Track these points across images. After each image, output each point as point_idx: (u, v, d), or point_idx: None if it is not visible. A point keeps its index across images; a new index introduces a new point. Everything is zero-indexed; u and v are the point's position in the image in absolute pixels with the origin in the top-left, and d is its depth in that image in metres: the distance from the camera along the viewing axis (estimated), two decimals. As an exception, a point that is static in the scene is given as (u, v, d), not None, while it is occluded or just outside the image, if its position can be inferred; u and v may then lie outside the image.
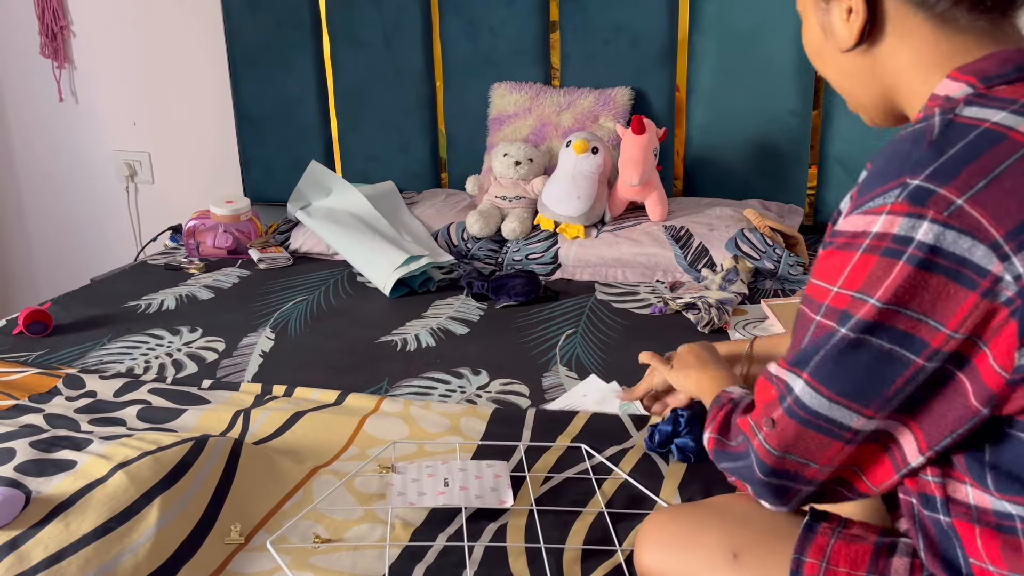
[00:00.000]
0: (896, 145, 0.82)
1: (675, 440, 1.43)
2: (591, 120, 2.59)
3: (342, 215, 2.55)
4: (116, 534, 1.18)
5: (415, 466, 1.40)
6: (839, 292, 0.82)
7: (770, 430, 0.88)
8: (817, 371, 0.84)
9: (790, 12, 2.47)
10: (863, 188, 0.82)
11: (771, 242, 2.25)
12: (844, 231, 0.82)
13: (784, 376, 0.87)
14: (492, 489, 1.33)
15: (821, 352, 0.83)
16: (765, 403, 0.90)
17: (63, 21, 3.15)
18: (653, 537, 1.03)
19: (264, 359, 1.90)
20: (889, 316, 0.79)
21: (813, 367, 0.84)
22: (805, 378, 0.85)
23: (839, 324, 0.82)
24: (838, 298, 0.82)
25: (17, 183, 3.44)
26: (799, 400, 0.85)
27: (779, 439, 0.87)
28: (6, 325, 2.11)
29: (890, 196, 0.78)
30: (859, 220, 0.81)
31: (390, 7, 2.75)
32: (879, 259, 0.79)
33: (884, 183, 0.80)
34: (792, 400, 0.86)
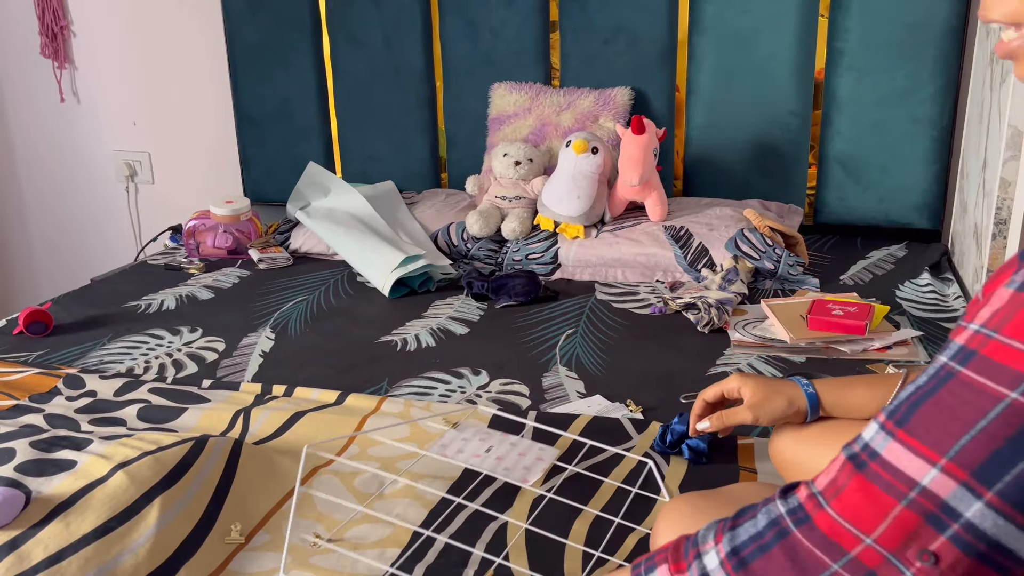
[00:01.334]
0: None
1: (687, 440, 1.44)
2: (591, 120, 2.59)
3: (341, 215, 2.55)
4: (116, 534, 1.18)
5: (474, 429, 1.44)
6: None
7: (929, 567, 0.62)
8: (1014, 487, 0.60)
9: (790, 12, 2.47)
10: None
11: (771, 242, 2.25)
12: None
13: (943, 491, 0.62)
14: (524, 467, 1.35)
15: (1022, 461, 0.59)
16: (905, 525, 0.63)
17: (63, 21, 3.15)
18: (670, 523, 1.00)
19: (264, 359, 1.90)
20: None
21: (1008, 483, 0.60)
22: (989, 498, 0.61)
23: None
24: None
25: (18, 183, 3.44)
26: (974, 526, 0.61)
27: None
28: (6, 325, 2.11)
29: None
30: None
31: (390, 7, 2.75)
32: None
33: None
34: (962, 527, 0.61)
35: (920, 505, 0.62)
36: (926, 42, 2.38)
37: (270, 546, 1.25)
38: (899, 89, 2.43)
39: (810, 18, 2.47)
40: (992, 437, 0.60)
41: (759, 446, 1.47)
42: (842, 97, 2.50)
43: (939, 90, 2.41)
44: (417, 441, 1.50)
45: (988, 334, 0.63)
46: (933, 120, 2.44)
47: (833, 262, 2.38)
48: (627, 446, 1.49)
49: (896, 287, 2.20)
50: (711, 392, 1.27)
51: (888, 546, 0.63)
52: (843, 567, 0.65)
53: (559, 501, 1.33)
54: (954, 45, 2.38)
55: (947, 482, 0.62)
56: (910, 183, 2.50)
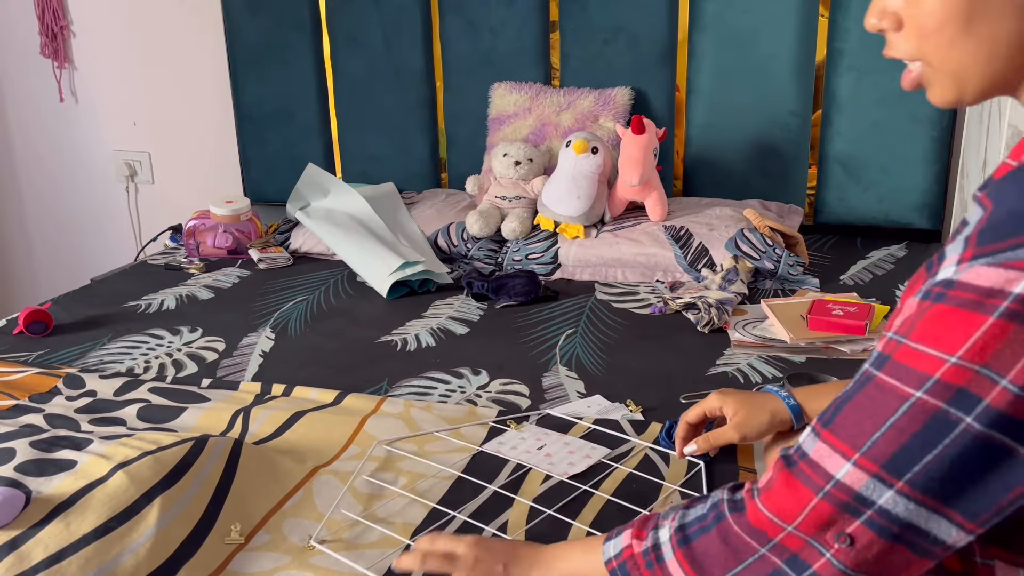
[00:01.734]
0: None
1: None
2: (591, 120, 2.59)
3: (341, 216, 2.55)
4: (116, 534, 1.18)
5: (535, 431, 1.54)
6: (958, 364, 0.65)
7: (845, 547, 0.70)
8: (922, 477, 0.66)
9: (790, 12, 2.47)
10: (992, 231, 0.66)
11: (771, 242, 2.25)
12: (970, 284, 0.65)
13: (856, 483, 0.69)
14: (570, 463, 1.42)
15: (932, 452, 0.66)
16: (822, 514, 0.70)
17: (63, 21, 3.15)
18: None
19: (264, 359, 1.90)
20: (1021, 406, 0.63)
21: (917, 473, 0.66)
22: (900, 487, 0.67)
23: (962, 411, 0.64)
24: (956, 372, 0.65)
25: (17, 183, 3.44)
26: (887, 512, 0.68)
27: (857, 559, 0.69)
28: (6, 325, 2.11)
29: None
30: (993, 274, 0.64)
31: (390, 7, 2.75)
32: (1018, 328, 0.63)
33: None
34: (876, 512, 0.68)
35: (835, 497, 0.70)
36: (926, 42, 2.38)
37: (270, 546, 1.25)
38: (899, 89, 2.41)
39: (810, 18, 2.47)
40: (900, 432, 0.67)
41: (759, 446, 1.47)
42: (842, 97, 2.50)
43: (939, 90, 2.41)
44: (473, 439, 1.53)
45: (899, 340, 0.69)
46: (933, 120, 2.44)
47: (833, 262, 2.38)
48: (626, 448, 1.49)
49: (896, 287, 2.20)
50: (693, 414, 1.30)
51: (807, 531, 0.71)
52: (769, 551, 0.73)
53: (558, 499, 1.33)
54: (954, 45, 2.37)
55: (859, 475, 0.69)
56: (910, 183, 2.50)
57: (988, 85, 0.75)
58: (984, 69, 0.74)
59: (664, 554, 0.79)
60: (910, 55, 0.77)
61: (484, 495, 1.36)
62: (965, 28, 0.72)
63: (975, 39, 0.72)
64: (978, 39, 0.72)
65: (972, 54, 0.73)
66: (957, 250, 0.68)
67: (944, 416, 0.65)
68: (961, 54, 0.73)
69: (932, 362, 0.66)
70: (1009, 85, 0.75)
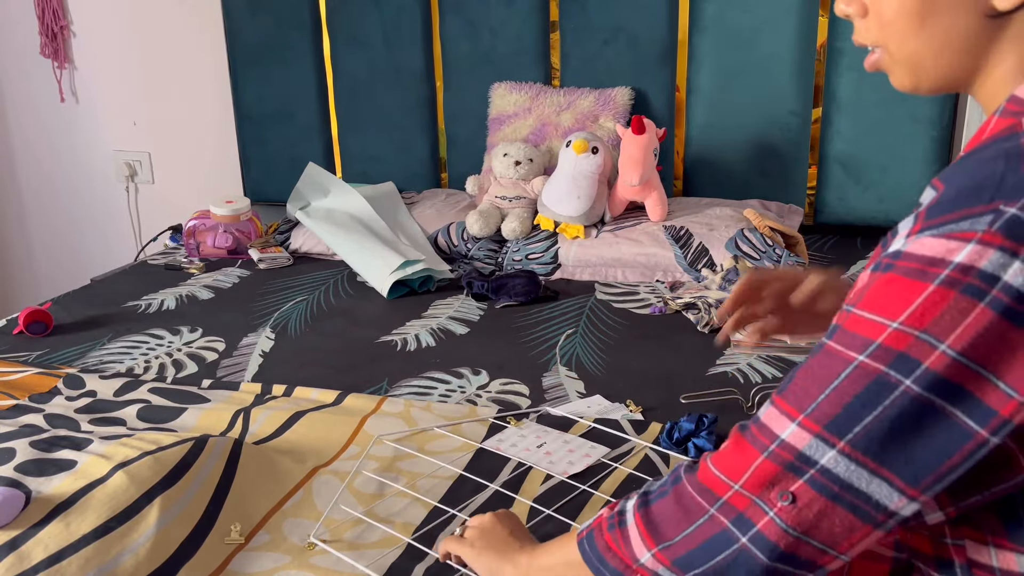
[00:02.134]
0: (983, 162, 0.69)
1: (693, 439, 1.44)
2: (591, 120, 2.59)
3: (341, 216, 2.55)
4: (116, 534, 1.18)
5: (535, 428, 1.54)
6: (899, 329, 0.67)
7: (787, 505, 0.71)
8: (863, 438, 0.68)
9: (790, 12, 2.47)
10: (939, 206, 0.68)
11: (771, 242, 2.25)
12: (914, 254, 0.68)
13: (799, 443, 0.70)
14: (569, 462, 1.42)
15: (872, 413, 0.67)
16: (766, 472, 0.72)
17: (63, 21, 3.15)
18: None
19: (264, 359, 1.90)
20: (959, 371, 0.65)
21: (858, 434, 0.68)
22: (841, 447, 0.69)
23: (901, 374, 0.66)
24: (897, 336, 0.67)
25: (17, 183, 3.44)
26: (828, 471, 0.69)
27: (799, 517, 0.70)
28: (6, 325, 2.11)
29: (980, 222, 0.65)
30: (937, 244, 0.67)
31: (390, 7, 2.75)
32: (958, 296, 0.65)
33: (971, 205, 0.66)
34: (818, 472, 0.70)
35: (778, 456, 0.71)
36: (926, 42, 2.38)
37: (270, 546, 1.25)
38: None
39: (810, 18, 2.47)
40: (843, 394, 0.69)
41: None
42: (842, 97, 2.50)
43: (939, 90, 2.41)
44: (473, 438, 1.53)
45: (848, 309, 0.72)
46: (933, 120, 2.44)
47: (833, 262, 2.38)
48: (626, 448, 1.49)
49: (896, 287, 2.20)
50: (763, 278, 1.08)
51: (752, 491, 0.72)
52: (717, 510, 0.74)
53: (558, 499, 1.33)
54: (954, 45, 2.37)
55: (803, 435, 0.70)
56: (910, 183, 2.50)
57: (942, 77, 0.79)
58: (937, 61, 0.77)
59: (627, 519, 0.81)
60: (872, 41, 0.81)
61: (485, 494, 1.36)
62: (919, 20, 0.76)
63: (928, 31, 0.76)
64: (931, 32, 0.76)
65: (926, 45, 0.77)
66: (908, 225, 0.71)
67: (884, 379, 0.67)
68: (916, 44, 0.77)
69: (875, 327, 0.68)
70: (963, 81, 0.78)
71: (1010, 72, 0.76)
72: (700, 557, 0.75)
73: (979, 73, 0.78)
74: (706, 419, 1.47)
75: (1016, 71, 0.75)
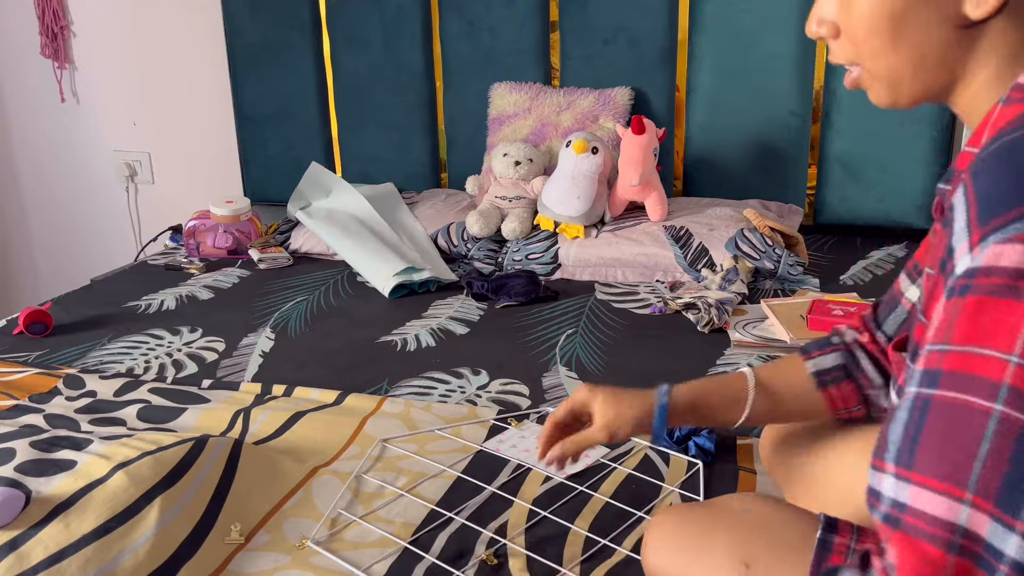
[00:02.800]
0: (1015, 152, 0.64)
1: (694, 437, 1.44)
2: (591, 120, 2.59)
3: (342, 216, 2.55)
4: (116, 534, 1.18)
5: (535, 429, 1.53)
6: (1020, 364, 0.59)
7: None
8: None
9: (790, 12, 2.47)
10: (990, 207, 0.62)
11: (771, 242, 2.25)
12: (994, 267, 0.60)
13: (981, 529, 0.60)
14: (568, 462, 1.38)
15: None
16: (962, 572, 0.61)
17: (63, 21, 3.15)
18: (660, 539, 0.95)
19: (264, 359, 1.90)
20: None
21: None
22: (1022, 529, 0.59)
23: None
24: (1021, 373, 0.58)
25: (18, 183, 3.44)
26: (1019, 565, 0.59)
27: None
28: (6, 325, 2.11)
29: None
30: (1012, 251, 0.60)
31: (390, 7, 2.75)
32: None
33: None
34: (1010, 567, 0.59)
35: (965, 549, 0.60)
36: (926, 42, 2.38)
37: (270, 546, 1.25)
38: (899, 89, 2.43)
39: (810, 18, 2.47)
40: (998, 459, 0.59)
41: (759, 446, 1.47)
42: (842, 97, 2.50)
43: (939, 90, 2.41)
44: (474, 439, 1.53)
45: (943, 348, 0.63)
46: (933, 120, 2.44)
47: (833, 262, 2.38)
48: (626, 448, 1.49)
49: (896, 287, 2.20)
50: (560, 412, 1.11)
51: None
52: None
53: (558, 499, 1.33)
54: (954, 45, 2.37)
55: (981, 518, 0.60)
56: (910, 183, 2.50)
57: (920, 91, 0.79)
58: (915, 76, 0.77)
59: None
60: (848, 60, 0.82)
61: (484, 496, 1.36)
62: (892, 38, 0.76)
63: (902, 49, 0.76)
64: (905, 49, 0.76)
65: (901, 62, 0.77)
66: (963, 239, 0.64)
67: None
68: (891, 61, 0.77)
69: (993, 364, 0.60)
70: (942, 92, 0.78)
71: (989, 81, 0.75)
72: None
73: (957, 84, 0.77)
74: None
75: (995, 80, 0.74)
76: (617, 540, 1.24)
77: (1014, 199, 0.61)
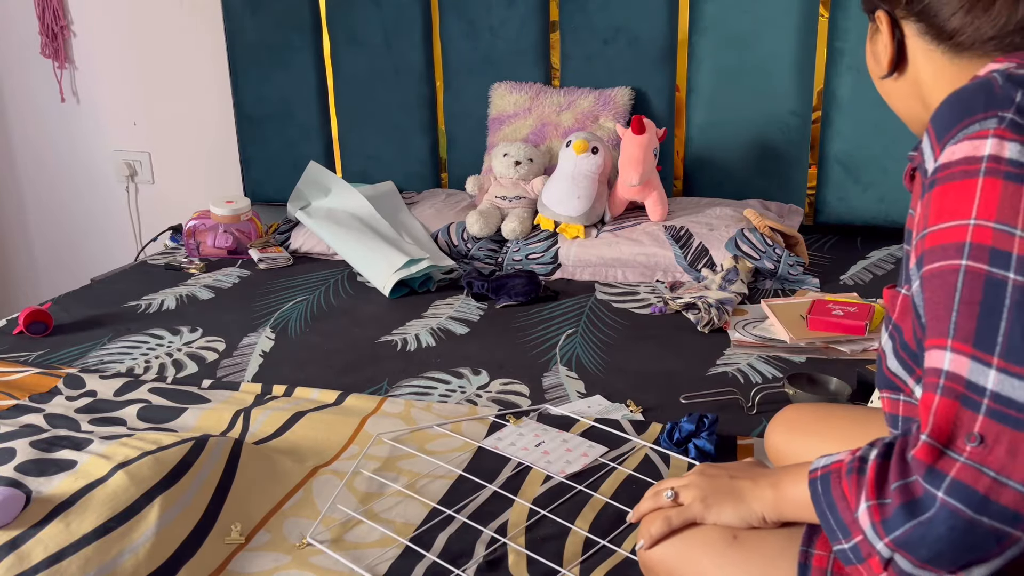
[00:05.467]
0: (965, 93, 0.77)
1: (694, 440, 1.44)
2: (591, 120, 2.59)
3: (342, 215, 2.55)
4: (116, 534, 1.18)
5: (533, 425, 1.54)
6: (977, 224, 0.70)
7: (978, 447, 0.67)
8: (1010, 348, 0.67)
9: (790, 12, 2.47)
10: (945, 126, 0.76)
11: (771, 242, 2.25)
12: (950, 162, 0.73)
13: (962, 369, 0.69)
14: (567, 462, 1.42)
15: (1002, 318, 0.68)
16: (945, 419, 0.69)
17: (63, 21, 3.15)
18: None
19: (264, 359, 1.90)
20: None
21: (1004, 345, 0.68)
22: (997, 363, 0.68)
23: (1002, 268, 0.69)
24: (979, 232, 0.70)
25: (18, 183, 3.44)
26: (1002, 396, 0.67)
27: (995, 457, 0.66)
28: (6, 325, 2.11)
29: (988, 123, 0.73)
30: (962, 147, 0.73)
31: (390, 7, 2.75)
32: (1004, 183, 0.70)
33: (972, 115, 0.74)
34: (990, 399, 0.67)
35: (950, 389, 0.69)
36: (926, 42, 2.38)
37: (270, 546, 1.25)
38: (899, 89, 2.43)
39: (810, 18, 2.47)
40: (970, 305, 0.70)
41: (759, 446, 1.47)
42: (842, 97, 2.50)
43: (939, 90, 2.41)
44: (473, 436, 1.53)
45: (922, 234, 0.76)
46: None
47: (833, 262, 2.38)
48: (626, 448, 1.49)
49: (896, 287, 2.20)
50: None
51: (938, 438, 0.69)
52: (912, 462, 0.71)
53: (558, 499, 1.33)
54: (954, 45, 2.37)
55: (960, 359, 0.69)
56: (910, 183, 2.50)
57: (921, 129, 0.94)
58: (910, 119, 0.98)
59: (867, 468, 0.75)
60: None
61: (484, 494, 1.36)
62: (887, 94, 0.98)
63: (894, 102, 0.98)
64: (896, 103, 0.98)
65: (898, 110, 0.99)
66: (929, 152, 0.77)
67: (992, 278, 0.69)
68: (895, 105, 0.98)
69: (957, 231, 0.71)
70: None
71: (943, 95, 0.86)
72: (899, 518, 0.70)
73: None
74: (707, 419, 1.47)
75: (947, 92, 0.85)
76: (617, 540, 1.24)
77: (962, 117, 0.74)
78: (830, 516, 0.77)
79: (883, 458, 0.74)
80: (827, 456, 0.82)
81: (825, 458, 0.82)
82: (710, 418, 1.47)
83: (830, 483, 0.78)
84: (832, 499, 0.77)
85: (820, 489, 0.79)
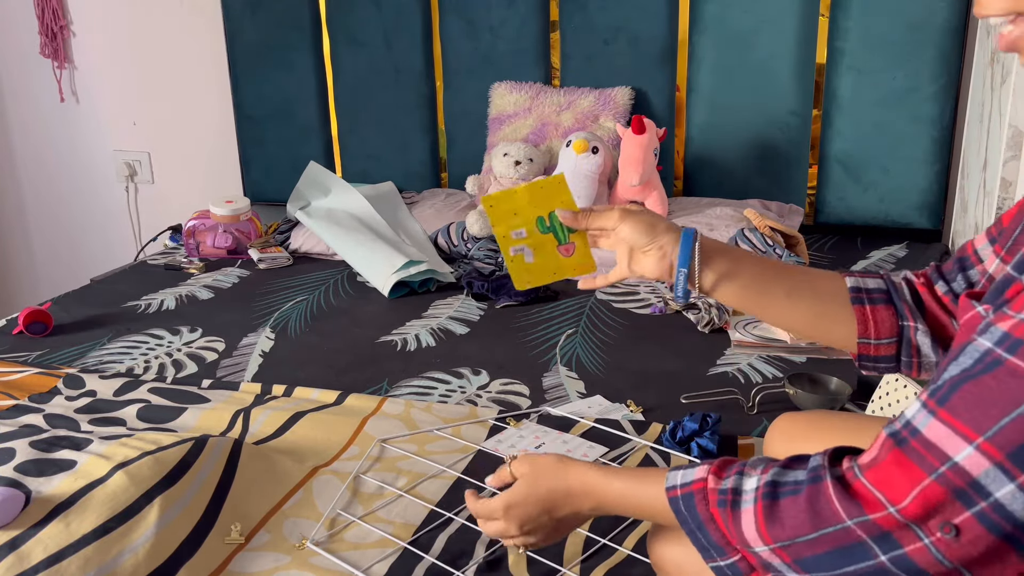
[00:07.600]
0: None
1: (697, 439, 1.44)
2: (591, 120, 2.59)
3: (342, 216, 2.55)
4: (116, 534, 1.18)
5: (534, 428, 1.54)
6: None
7: (948, 539, 0.64)
8: None
9: (790, 12, 2.47)
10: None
11: (771, 242, 2.25)
12: None
13: (975, 469, 0.62)
14: None
15: None
16: (928, 502, 0.64)
17: (63, 21, 3.15)
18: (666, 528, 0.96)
19: (264, 359, 1.90)
20: None
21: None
22: (1022, 481, 0.61)
23: None
24: None
25: (17, 183, 3.44)
26: (1002, 507, 0.62)
27: (961, 553, 0.64)
28: (6, 325, 2.11)
29: None
30: None
31: (390, 7, 2.75)
32: None
33: None
34: (989, 506, 0.62)
35: (949, 480, 0.63)
36: (926, 42, 2.38)
37: (270, 546, 1.25)
38: (899, 89, 2.43)
39: (810, 18, 2.47)
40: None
41: (760, 446, 1.47)
42: (842, 97, 2.50)
43: (940, 90, 2.41)
44: (473, 438, 1.52)
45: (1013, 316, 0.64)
46: (934, 120, 2.43)
47: (833, 262, 2.38)
48: (627, 448, 1.49)
49: (896, 287, 2.20)
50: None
51: (910, 516, 0.65)
52: (856, 525, 0.67)
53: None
54: (954, 45, 2.38)
55: (981, 461, 0.62)
56: (911, 183, 2.50)
57: None
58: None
59: (743, 501, 0.74)
60: (1007, 10, 0.74)
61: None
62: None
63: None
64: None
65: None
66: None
67: None
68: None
69: None
70: None
71: None
72: (826, 563, 0.69)
73: None
74: (710, 419, 1.47)
75: None
76: (617, 540, 1.24)
77: None
78: (700, 536, 0.77)
79: (771, 498, 0.72)
80: (678, 470, 0.81)
81: (679, 473, 0.81)
82: (713, 418, 1.47)
83: (695, 504, 0.77)
84: (700, 520, 0.77)
85: (683, 508, 0.78)
